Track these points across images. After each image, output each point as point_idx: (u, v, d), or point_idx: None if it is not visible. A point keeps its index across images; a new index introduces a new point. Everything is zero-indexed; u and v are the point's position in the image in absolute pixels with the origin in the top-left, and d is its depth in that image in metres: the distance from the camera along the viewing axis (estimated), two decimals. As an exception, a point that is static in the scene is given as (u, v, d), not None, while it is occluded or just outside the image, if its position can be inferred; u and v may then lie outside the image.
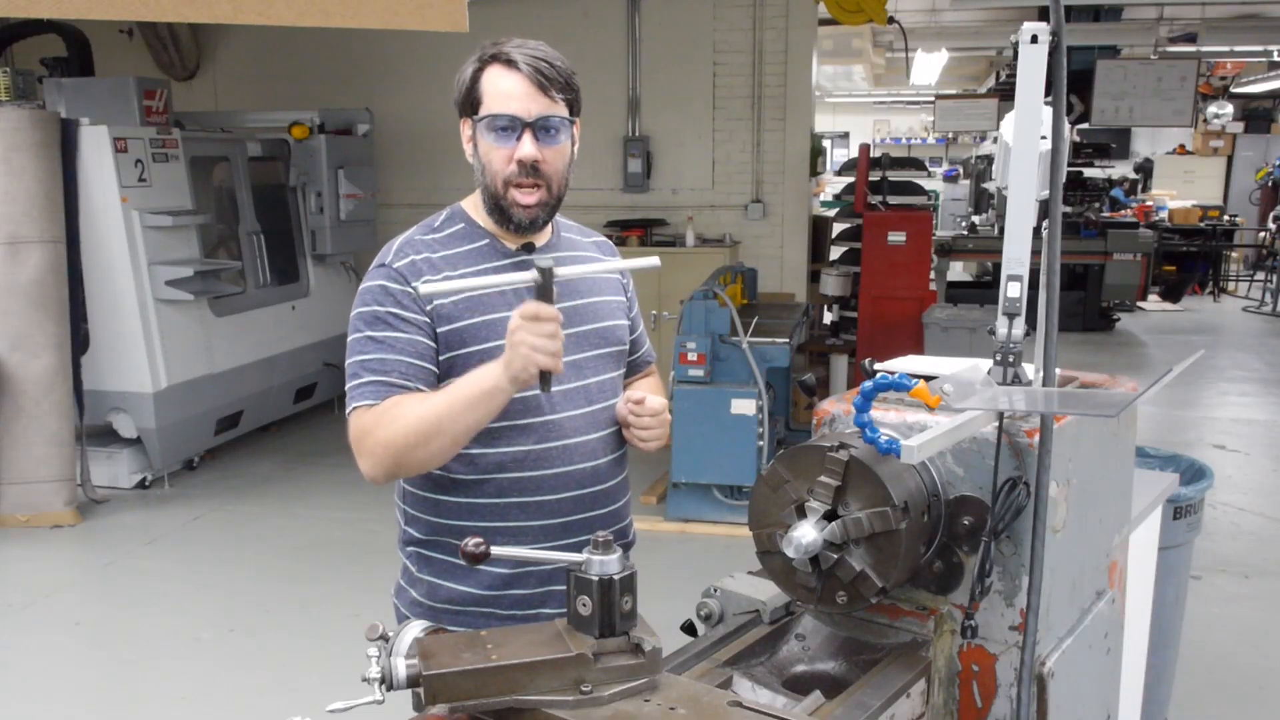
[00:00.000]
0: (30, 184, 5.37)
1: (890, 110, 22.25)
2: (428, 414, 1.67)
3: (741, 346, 5.26)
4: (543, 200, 1.79)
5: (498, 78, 1.76)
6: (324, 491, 6.06)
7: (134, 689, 3.87)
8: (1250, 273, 14.34)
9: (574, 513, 1.85)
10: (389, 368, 1.73)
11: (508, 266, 1.82)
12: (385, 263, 1.81)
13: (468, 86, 1.80)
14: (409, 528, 1.94)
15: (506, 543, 1.75)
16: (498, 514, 1.82)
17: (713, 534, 5.14)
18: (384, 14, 2.22)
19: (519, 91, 1.73)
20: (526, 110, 1.74)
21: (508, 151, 1.76)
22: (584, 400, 1.86)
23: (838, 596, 1.56)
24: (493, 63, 1.77)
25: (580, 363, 1.85)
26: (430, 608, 1.89)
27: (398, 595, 1.99)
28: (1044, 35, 1.54)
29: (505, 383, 1.63)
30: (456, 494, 1.84)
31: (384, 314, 1.76)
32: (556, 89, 1.75)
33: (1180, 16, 10.61)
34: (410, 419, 1.68)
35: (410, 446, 1.69)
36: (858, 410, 1.57)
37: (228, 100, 8.66)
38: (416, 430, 1.67)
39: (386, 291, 1.77)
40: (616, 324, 1.95)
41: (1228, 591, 4.59)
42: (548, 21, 7.91)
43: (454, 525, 1.84)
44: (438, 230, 1.86)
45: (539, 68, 1.74)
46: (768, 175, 8.14)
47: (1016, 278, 1.60)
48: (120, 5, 2.29)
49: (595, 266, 1.91)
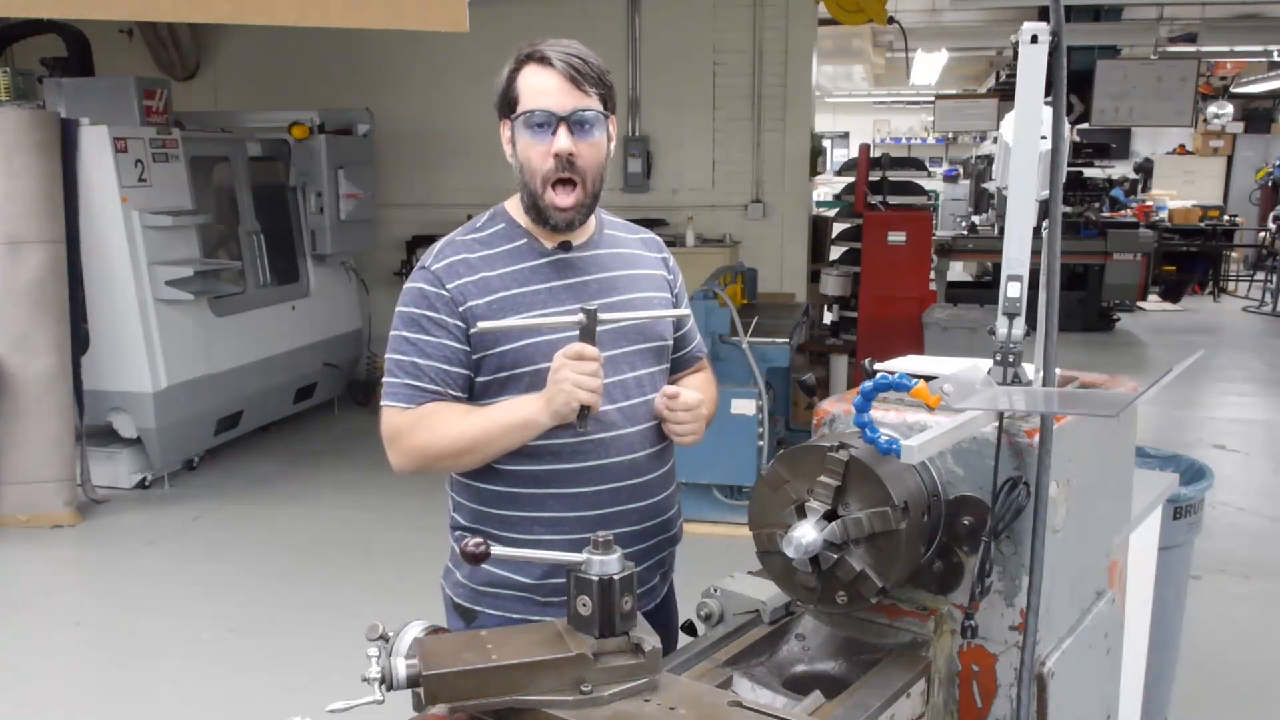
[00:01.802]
0: (30, 184, 5.37)
1: (890, 110, 22.25)
2: (465, 433, 1.80)
3: (741, 346, 5.25)
4: (579, 201, 1.83)
5: (532, 76, 1.79)
6: (324, 491, 6.06)
7: (134, 689, 3.87)
8: (1250, 273, 14.33)
9: (612, 505, 1.89)
10: (421, 372, 1.82)
11: (544, 265, 1.87)
12: (425, 264, 1.86)
13: (505, 87, 1.83)
14: (455, 513, 1.98)
15: (545, 531, 1.84)
16: (535, 504, 1.86)
17: (713, 534, 5.13)
18: (384, 14, 2.23)
19: (553, 87, 1.77)
20: (561, 105, 1.77)
21: (544, 147, 1.79)
22: (621, 395, 1.88)
23: (838, 596, 1.56)
24: (528, 62, 1.80)
25: (617, 358, 1.88)
26: (473, 590, 1.94)
27: (445, 577, 2.03)
28: (1044, 35, 1.54)
29: (545, 417, 1.73)
30: (499, 482, 1.88)
31: (419, 316, 1.83)
32: (590, 84, 1.79)
33: (1180, 16, 10.61)
34: (449, 434, 1.80)
35: (442, 456, 1.82)
36: (858, 410, 1.57)
37: (228, 100, 8.66)
38: (452, 446, 1.80)
39: (423, 294, 1.84)
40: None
41: (1228, 591, 4.59)
42: (548, 21, 7.90)
43: (494, 513, 1.89)
44: (479, 230, 1.90)
45: (572, 63, 1.78)
46: (768, 175, 8.14)
47: (1016, 278, 1.60)
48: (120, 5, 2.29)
49: (631, 316, 1.91)
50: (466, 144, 8.36)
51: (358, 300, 7.87)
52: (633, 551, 1.91)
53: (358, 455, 6.81)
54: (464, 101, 8.31)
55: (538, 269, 1.86)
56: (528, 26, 7.98)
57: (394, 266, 8.48)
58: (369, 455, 6.81)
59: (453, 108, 8.35)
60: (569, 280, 1.88)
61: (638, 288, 1.96)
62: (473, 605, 1.94)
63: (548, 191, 1.80)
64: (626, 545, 1.91)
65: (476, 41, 7.85)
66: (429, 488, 6.24)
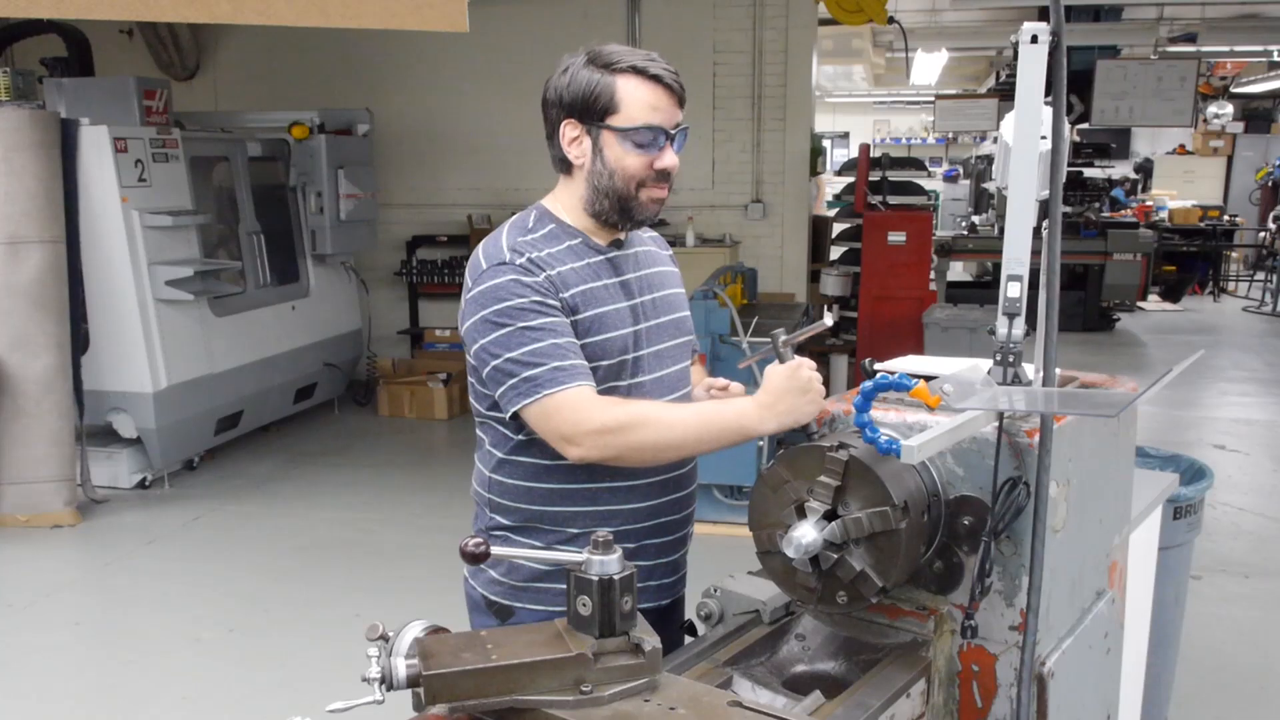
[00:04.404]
0: (30, 184, 5.37)
1: (890, 110, 22.23)
2: (676, 434, 1.77)
3: (741, 347, 5.26)
4: (665, 199, 1.90)
5: (641, 89, 1.81)
6: (324, 491, 6.06)
7: (134, 689, 3.87)
8: (1250, 273, 14.33)
9: (659, 496, 1.94)
10: (567, 352, 1.77)
11: (601, 263, 1.89)
12: (504, 261, 1.81)
13: (598, 93, 1.80)
14: (497, 515, 1.96)
15: (600, 526, 1.81)
16: (588, 498, 1.88)
17: (712, 534, 5.11)
18: (384, 14, 2.22)
19: (664, 104, 1.82)
20: (669, 121, 1.83)
21: (648, 159, 1.82)
22: (667, 389, 1.94)
23: (838, 596, 1.56)
24: (633, 74, 1.81)
25: (662, 352, 1.95)
26: (511, 587, 1.94)
27: (474, 576, 2.01)
28: (1044, 35, 1.54)
29: (769, 426, 1.71)
30: (551, 480, 1.88)
31: (529, 305, 1.78)
32: (685, 101, 1.87)
33: (1180, 16, 10.60)
34: (661, 432, 1.76)
35: (641, 449, 1.77)
36: (858, 410, 1.57)
37: (228, 100, 8.66)
38: (663, 443, 1.77)
39: (523, 284, 1.79)
40: (686, 314, 2.05)
41: (1228, 591, 4.59)
42: (548, 21, 7.91)
43: (547, 510, 1.90)
44: (533, 230, 1.88)
45: (678, 82, 1.84)
46: (768, 175, 8.14)
47: (1016, 278, 1.60)
48: (120, 5, 2.29)
49: (810, 330, 1.98)
50: (466, 144, 8.37)
51: (358, 300, 7.88)
52: (671, 540, 1.99)
53: (358, 455, 6.81)
54: (464, 101, 8.32)
55: (597, 266, 1.88)
56: (528, 26, 7.99)
57: (394, 266, 8.49)
58: (369, 455, 6.81)
59: (453, 108, 8.36)
60: (622, 277, 1.91)
61: (668, 284, 2.02)
62: (511, 602, 1.94)
63: (642, 191, 1.84)
64: (667, 534, 1.97)
65: (476, 41, 7.90)
66: (429, 488, 6.27)
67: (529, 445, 1.87)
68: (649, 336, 1.91)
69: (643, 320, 1.91)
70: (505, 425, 1.88)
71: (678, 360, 1.99)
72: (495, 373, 1.78)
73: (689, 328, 2.06)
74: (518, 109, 7.29)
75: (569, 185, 1.89)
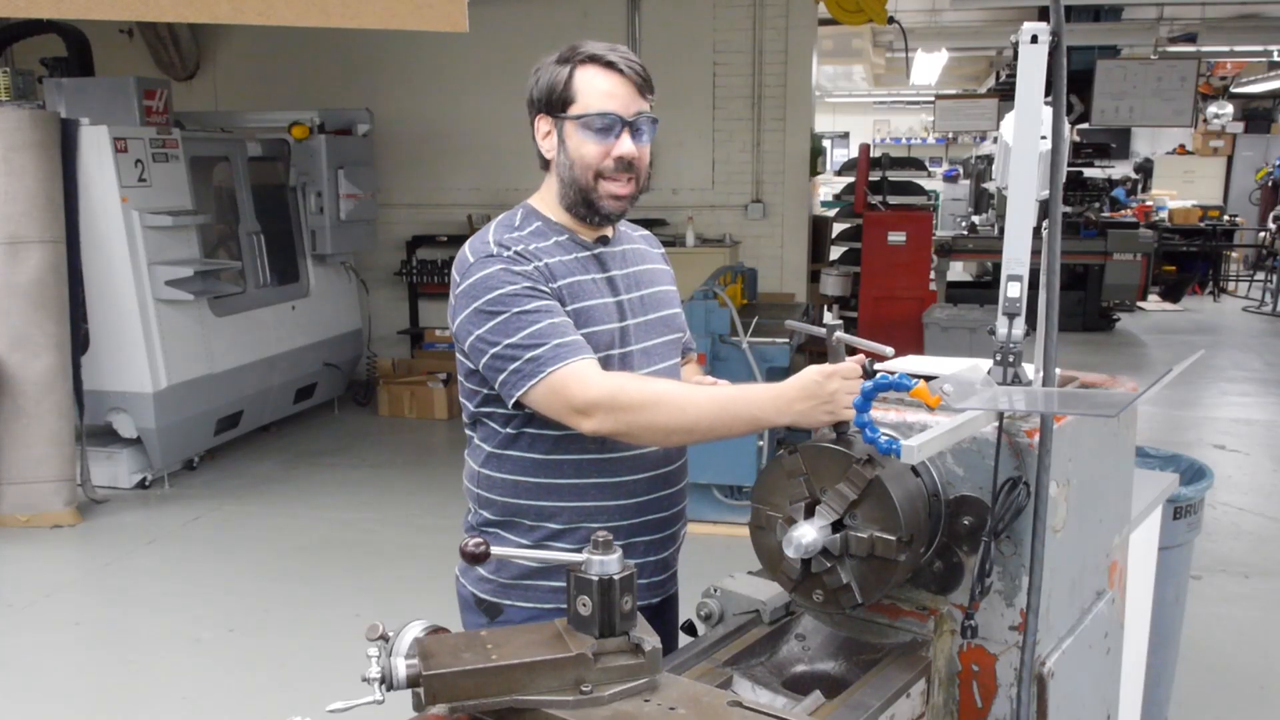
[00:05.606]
0: (30, 184, 5.37)
1: (890, 110, 22.24)
2: (689, 417, 1.71)
3: (741, 347, 5.26)
4: (631, 193, 1.87)
5: (596, 77, 1.81)
6: (324, 491, 6.06)
7: (134, 689, 3.86)
8: (1250, 273, 14.33)
9: (648, 493, 1.92)
10: (565, 330, 1.76)
11: (587, 258, 1.88)
12: (492, 254, 1.81)
13: (558, 85, 1.83)
14: (483, 510, 1.96)
15: (584, 521, 1.84)
16: (576, 494, 1.88)
17: (712, 534, 5.13)
18: (384, 14, 2.22)
19: (620, 91, 1.81)
20: (626, 109, 1.82)
21: (604, 148, 1.82)
22: None
23: (814, 594, 1.57)
24: (590, 64, 1.82)
25: (651, 349, 1.95)
26: (499, 584, 1.94)
27: (463, 574, 2.02)
28: (1044, 35, 1.54)
29: (781, 423, 1.67)
30: (538, 475, 1.88)
31: (524, 290, 1.77)
32: (648, 90, 1.85)
33: (1180, 16, 10.60)
34: (673, 414, 1.71)
35: (652, 428, 1.73)
36: (858, 410, 1.57)
37: (228, 100, 8.66)
38: (674, 425, 1.72)
39: (513, 272, 1.79)
40: (676, 312, 2.05)
41: (1228, 591, 4.59)
42: (548, 21, 7.91)
43: (531, 505, 1.89)
44: (519, 228, 1.88)
45: (635, 69, 1.82)
46: (768, 175, 8.14)
47: (1016, 278, 1.60)
48: (120, 5, 2.29)
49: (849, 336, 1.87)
50: (466, 144, 8.37)
51: (358, 300, 7.88)
52: (660, 537, 1.97)
53: (358, 455, 6.81)
54: (464, 101, 8.31)
55: (584, 261, 1.88)
56: (528, 26, 7.99)
57: (394, 266, 8.49)
58: (369, 455, 6.81)
59: (453, 108, 8.35)
60: (609, 273, 1.91)
61: (657, 281, 2.02)
62: (500, 600, 1.94)
63: (601, 183, 1.83)
64: (657, 531, 1.95)
65: (476, 41, 7.89)
66: (429, 488, 6.26)
67: (517, 440, 1.87)
68: (636, 333, 1.92)
69: (629, 316, 1.91)
70: (495, 420, 1.88)
71: (667, 357, 1.99)
72: (495, 360, 1.77)
73: (679, 325, 2.05)
74: (518, 109, 7.20)
75: (549, 182, 1.90)
